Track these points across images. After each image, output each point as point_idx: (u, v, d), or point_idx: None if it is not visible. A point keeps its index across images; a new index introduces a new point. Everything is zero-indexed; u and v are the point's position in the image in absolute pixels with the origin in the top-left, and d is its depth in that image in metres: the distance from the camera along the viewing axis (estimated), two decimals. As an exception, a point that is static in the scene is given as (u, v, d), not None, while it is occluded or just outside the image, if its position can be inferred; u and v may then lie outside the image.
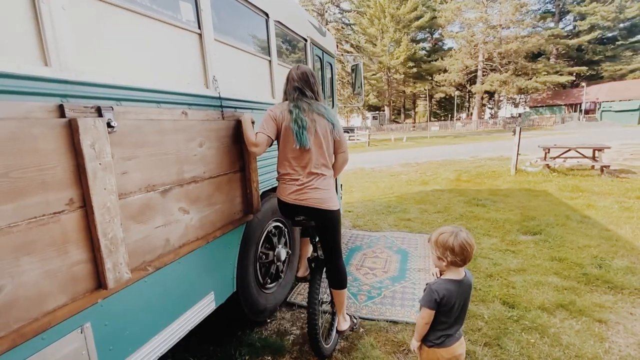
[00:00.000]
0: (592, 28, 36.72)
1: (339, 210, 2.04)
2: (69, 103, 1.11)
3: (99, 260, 1.15)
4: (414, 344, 1.58)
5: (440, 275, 1.61)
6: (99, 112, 1.17)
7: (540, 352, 2.16)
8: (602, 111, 33.72)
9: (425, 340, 1.57)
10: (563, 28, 40.11)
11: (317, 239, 2.32)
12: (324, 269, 2.23)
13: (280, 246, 2.74)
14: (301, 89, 1.93)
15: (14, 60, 1.00)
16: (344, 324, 2.22)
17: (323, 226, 2.03)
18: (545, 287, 2.92)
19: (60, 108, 1.07)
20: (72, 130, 1.07)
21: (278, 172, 2.05)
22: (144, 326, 1.44)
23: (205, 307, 1.81)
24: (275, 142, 2.01)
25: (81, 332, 1.17)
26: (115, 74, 1.31)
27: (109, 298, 1.25)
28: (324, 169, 1.97)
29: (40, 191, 1.00)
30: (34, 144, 0.99)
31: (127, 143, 1.28)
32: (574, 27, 39.40)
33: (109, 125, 1.18)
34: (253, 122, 2.05)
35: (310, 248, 2.44)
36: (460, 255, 1.47)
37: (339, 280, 2.15)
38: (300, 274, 2.53)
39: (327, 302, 2.40)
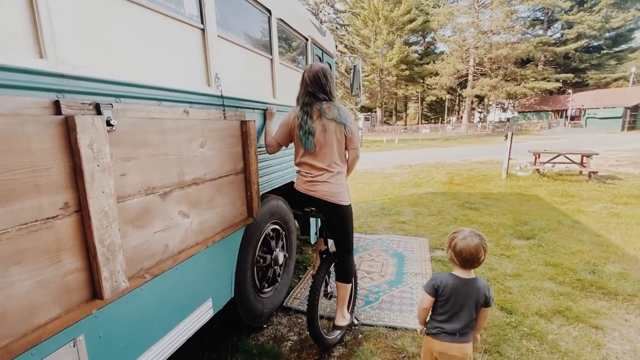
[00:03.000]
0: (579, 36, 37.70)
1: (349, 206, 2.10)
2: (66, 99, 1.02)
3: (95, 268, 1.07)
4: (419, 327, 1.72)
5: None
6: (97, 109, 1.09)
7: (539, 359, 2.15)
8: (587, 118, 34.67)
9: (426, 327, 1.67)
10: (551, 36, 41.05)
11: (328, 234, 2.34)
12: (333, 263, 2.27)
13: (277, 249, 2.68)
14: (313, 93, 1.99)
15: (6, 51, 0.92)
16: (341, 320, 2.23)
17: (332, 220, 2.11)
18: (542, 292, 2.93)
19: (56, 104, 0.98)
20: (68, 129, 0.99)
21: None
22: (140, 337, 1.36)
23: (202, 314, 1.73)
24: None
25: (74, 346, 1.08)
26: (114, 69, 1.22)
27: (104, 308, 1.17)
28: (334, 166, 2.06)
29: (32, 195, 0.92)
30: (27, 143, 0.91)
31: (126, 143, 1.20)
32: (562, 35, 40.40)
33: (108, 123, 1.10)
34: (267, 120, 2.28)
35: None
36: (458, 257, 1.53)
37: (344, 273, 2.20)
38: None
39: (335, 295, 2.39)
